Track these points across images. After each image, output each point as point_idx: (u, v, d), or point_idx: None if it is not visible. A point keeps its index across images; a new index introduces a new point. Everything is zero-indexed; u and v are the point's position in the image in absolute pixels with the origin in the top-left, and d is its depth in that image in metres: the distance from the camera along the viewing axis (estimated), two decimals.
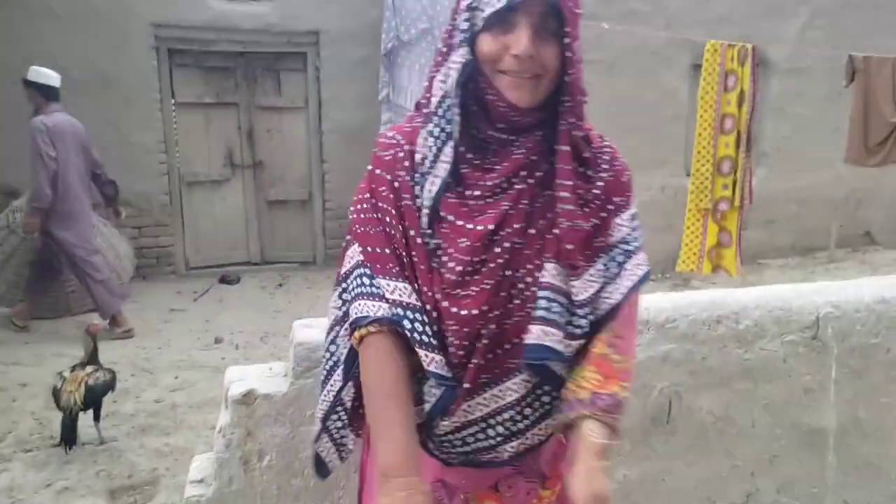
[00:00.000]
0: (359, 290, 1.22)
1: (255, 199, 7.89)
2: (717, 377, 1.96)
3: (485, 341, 1.19)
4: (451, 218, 1.20)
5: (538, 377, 1.23)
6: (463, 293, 1.19)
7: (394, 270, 1.21)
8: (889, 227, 8.18)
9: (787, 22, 7.51)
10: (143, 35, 7.00)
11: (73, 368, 3.73)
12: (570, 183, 1.20)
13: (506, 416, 1.25)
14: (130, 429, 3.95)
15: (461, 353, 1.20)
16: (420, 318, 1.19)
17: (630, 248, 1.26)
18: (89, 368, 3.73)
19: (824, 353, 2.02)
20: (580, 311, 1.21)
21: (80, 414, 3.66)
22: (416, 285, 1.21)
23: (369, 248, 1.23)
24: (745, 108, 4.56)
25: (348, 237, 1.29)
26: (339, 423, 1.36)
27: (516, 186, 1.21)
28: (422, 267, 1.20)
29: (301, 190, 8.01)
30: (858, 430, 2.10)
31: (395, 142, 1.28)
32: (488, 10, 1.14)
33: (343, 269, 1.28)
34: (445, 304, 1.18)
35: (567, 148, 1.20)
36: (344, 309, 1.28)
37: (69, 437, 3.60)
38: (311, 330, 1.75)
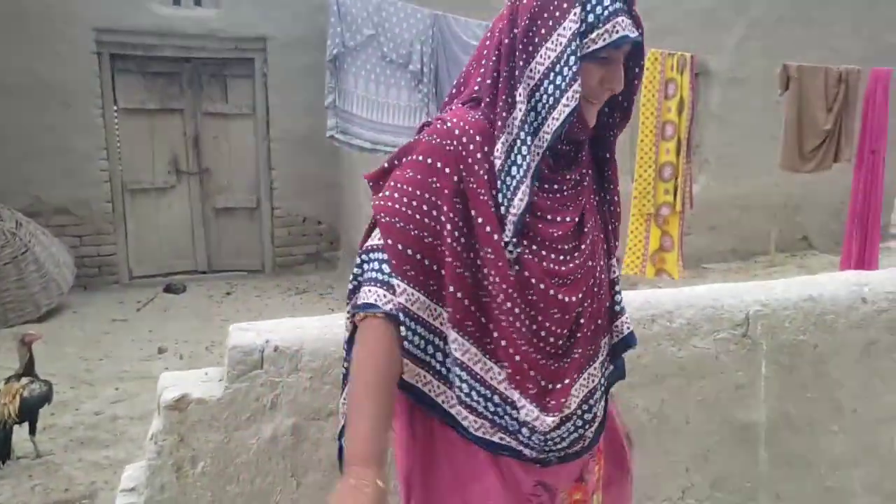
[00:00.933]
0: (373, 274, 1.20)
1: (201, 206, 7.76)
2: (651, 375, 1.99)
3: (585, 330, 1.27)
4: (538, 213, 1.23)
5: (618, 359, 1.40)
6: (561, 281, 1.24)
7: (409, 274, 1.19)
8: (825, 232, 8.46)
9: (726, 34, 7.73)
10: (85, 40, 6.85)
11: (8, 380, 3.63)
12: (619, 188, 1.36)
13: (591, 401, 1.31)
14: (69, 442, 3.84)
15: (560, 342, 1.25)
16: (416, 329, 1.21)
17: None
18: (24, 380, 3.63)
19: (754, 350, 2.08)
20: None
21: (16, 427, 3.56)
22: (436, 292, 1.22)
23: (396, 245, 1.20)
24: (684, 115, 4.67)
25: (374, 218, 1.25)
26: None
27: (584, 184, 1.31)
28: (499, 264, 1.20)
29: (249, 197, 7.92)
30: (788, 424, 2.16)
31: (461, 131, 1.23)
32: (600, 44, 1.16)
33: (366, 244, 1.25)
34: (552, 292, 1.22)
35: (615, 157, 1.35)
36: (354, 284, 1.25)
37: (3, 451, 3.50)
38: (247, 333, 1.73)
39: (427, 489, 1.31)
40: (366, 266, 1.22)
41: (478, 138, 1.21)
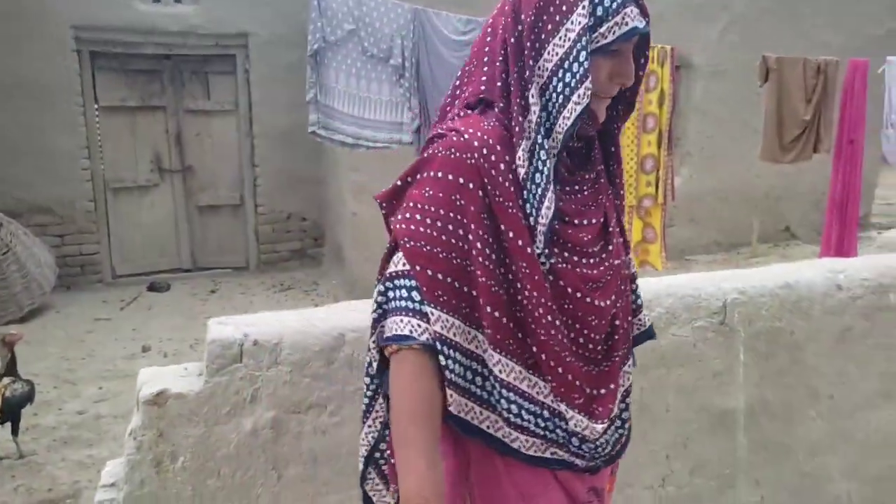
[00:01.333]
0: (402, 303, 1.13)
1: (185, 204, 7.73)
2: None
3: (620, 331, 1.25)
4: (566, 219, 1.19)
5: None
6: (594, 285, 1.21)
7: (442, 299, 1.12)
8: (805, 223, 8.54)
9: (708, 26, 7.78)
10: (64, 37, 6.80)
11: None
12: (623, 181, 1.34)
13: (627, 400, 1.32)
14: (52, 441, 3.82)
15: (599, 347, 1.23)
16: (455, 357, 1.14)
17: None
18: (6, 380, 3.61)
19: (732, 338, 2.10)
20: None
21: None
22: (470, 315, 1.14)
23: (426, 270, 1.12)
24: (665, 107, 4.69)
25: (392, 243, 1.17)
26: (389, 453, 1.27)
27: (601, 181, 1.28)
28: (535, 277, 1.14)
29: (232, 194, 7.89)
30: (766, 411, 2.18)
31: (481, 142, 1.15)
32: (611, 38, 1.11)
33: (389, 270, 1.16)
34: (588, 299, 1.19)
35: (620, 151, 1.33)
36: (379, 313, 1.18)
37: None
38: (226, 327, 1.73)
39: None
40: (391, 294, 1.14)
41: (498, 148, 1.15)
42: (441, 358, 1.12)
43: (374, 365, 1.22)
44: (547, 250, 1.15)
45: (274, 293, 7.05)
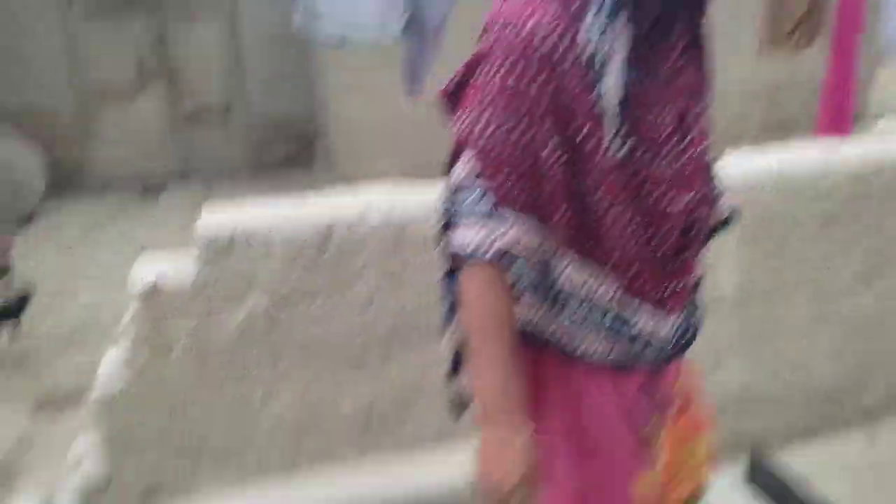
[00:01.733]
0: (472, 207, 1.08)
1: (172, 109, 7.55)
2: None
3: (699, 224, 1.18)
4: (643, 106, 1.08)
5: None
6: (674, 180, 1.12)
7: (514, 204, 1.07)
8: (804, 112, 8.40)
9: None
10: None
11: None
12: (712, 59, 1.20)
13: (699, 291, 1.26)
14: (52, 345, 3.88)
15: (676, 243, 1.16)
16: (525, 266, 1.10)
17: None
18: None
19: None
20: None
21: None
22: (542, 216, 1.08)
23: (496, 174, 1.06)
24: None
25: (456, 146, 1.12)
26: None
27: (681, 61, 1.14)
28: (610, 176, 1.06)
29: (221, 98, 7.70)
30: (755, 296, 2.20)
31: (554, 26, 1.03)
32: None
33: (454, 176, 1.11)
34: (667, 195, 1.11)
35: (707, 28, 1.17)
36: (445, 221, 1.14)
37: None
38: (218, 218, 1.73)
39: (574, 428, 1.23)
40: (460, 196, 1.10)
41: (557, 33, 1.03)
42: (512, 265, 1.09)
43: (443, 272, 1.20)
44: (621, 139, 1.06)
45: (267, 198, 7.01)
